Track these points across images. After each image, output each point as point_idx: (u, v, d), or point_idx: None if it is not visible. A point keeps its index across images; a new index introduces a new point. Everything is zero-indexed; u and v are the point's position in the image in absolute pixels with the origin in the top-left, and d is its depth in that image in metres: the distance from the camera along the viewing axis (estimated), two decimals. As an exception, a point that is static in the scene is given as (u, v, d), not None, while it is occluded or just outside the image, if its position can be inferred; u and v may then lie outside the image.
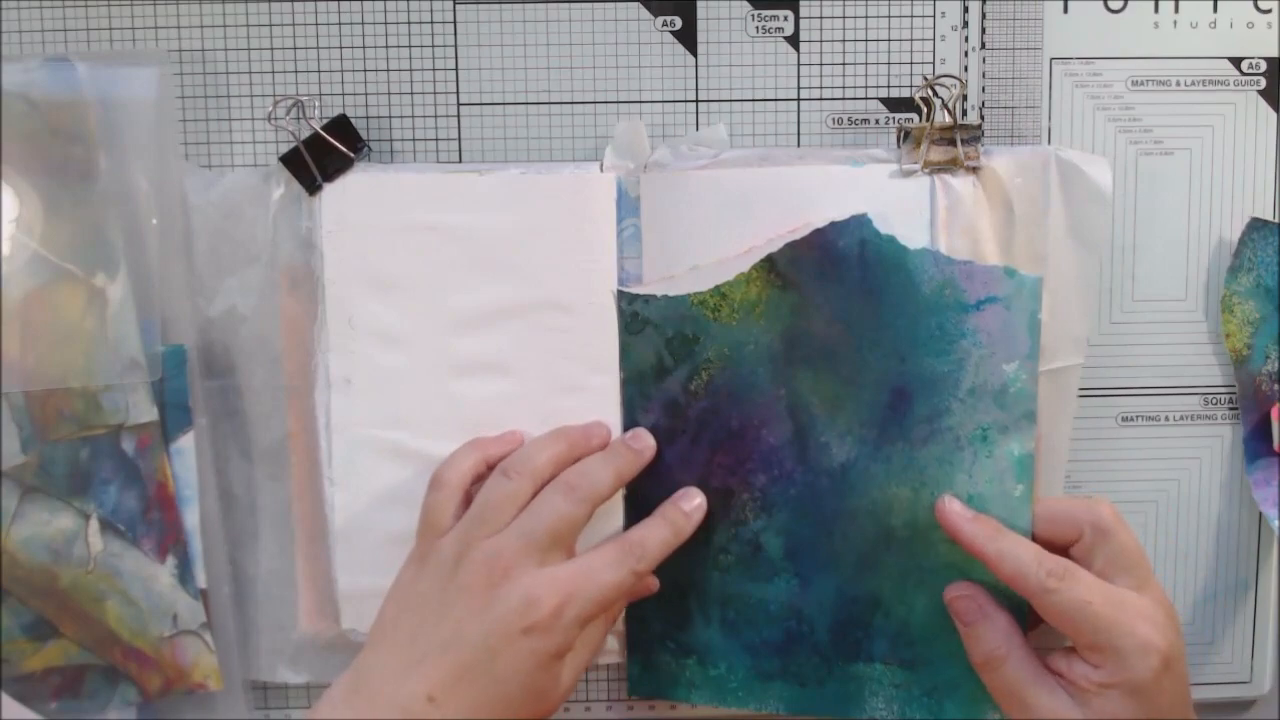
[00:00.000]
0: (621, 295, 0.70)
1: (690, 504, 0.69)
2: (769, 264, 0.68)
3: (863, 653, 0.70)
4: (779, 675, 0.72)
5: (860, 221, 0.67)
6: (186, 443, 0.71)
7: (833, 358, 0.68)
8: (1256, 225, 0.73)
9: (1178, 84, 0.73)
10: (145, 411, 0.70)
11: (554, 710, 0.64)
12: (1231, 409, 0.75)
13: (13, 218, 0.69)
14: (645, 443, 0.70)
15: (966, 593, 0.66)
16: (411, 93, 0.72)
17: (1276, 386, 0.73)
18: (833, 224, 0.67)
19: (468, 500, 0.67)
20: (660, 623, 0.72)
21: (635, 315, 0.70)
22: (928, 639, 0.69)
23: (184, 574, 0.71)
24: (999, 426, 0.67)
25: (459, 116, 0.72)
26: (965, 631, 0.66)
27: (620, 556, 0.65)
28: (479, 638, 0.61)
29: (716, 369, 0.70)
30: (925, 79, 0.71)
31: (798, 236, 0.68)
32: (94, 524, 0.70)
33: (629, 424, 0.71)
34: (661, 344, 0.70)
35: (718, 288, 0.69)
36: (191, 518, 0.71)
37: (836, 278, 0.67)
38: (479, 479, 0.68)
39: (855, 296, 0.67)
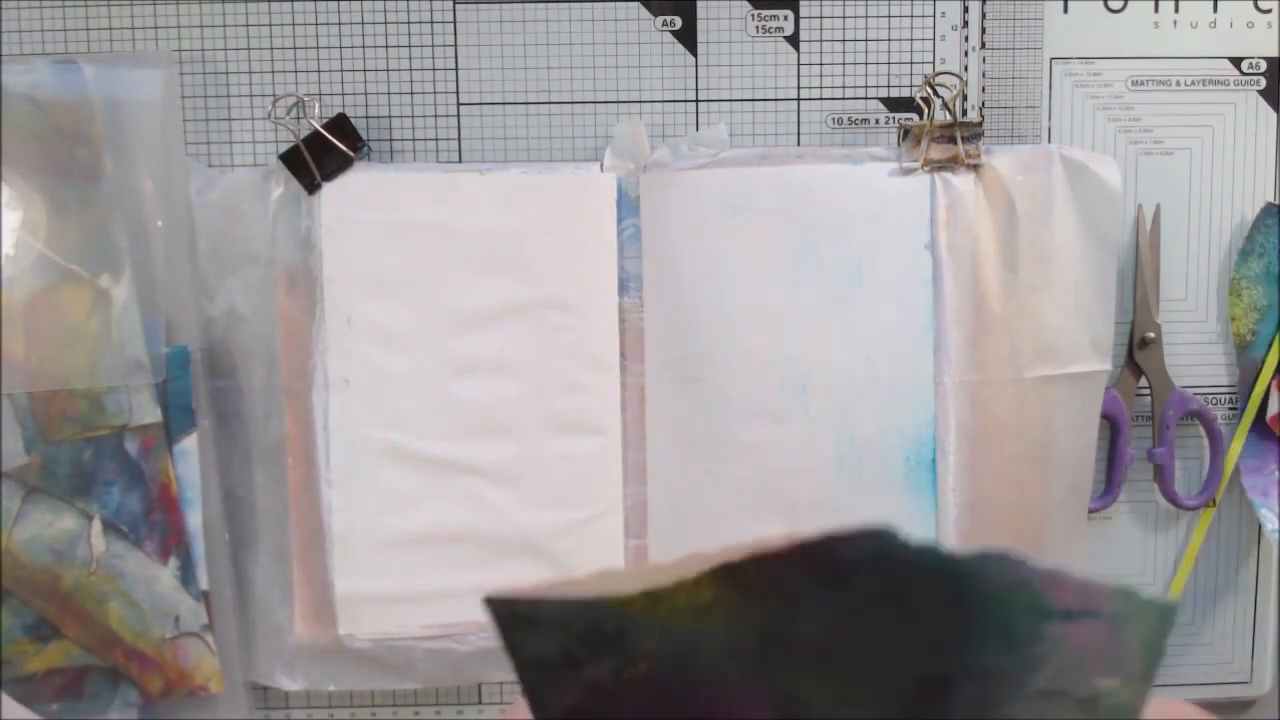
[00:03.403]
0: (491, 602, 0.42)
1: None
2: (728, 573, 0.41)
3: None
4: None
5: (877, 535, 0.37)
6: (190, 444, 0.71)
7: (836, 657, 0.44)
8: (1271, 210, 0.73)
9: (1178, 84, 0.73)
10: (149, 413, 0.70)
11: None
12: (1231, 409, 0.75)
13: (18, 219, 0.69)
14: None
15: None
16: (411, 93, 0.72)
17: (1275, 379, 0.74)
18: (830, 537, 0.37)
19: None
20: None
21: (518, 617, 0.44)
22: None
23: (186, 575, 0.71)
24: None
25: (459, 116, 0.72)
26: None
27: None
28: None
29: (658, 660, 0.45)
30: (925, 78, 0.71)
31: (769, 549, 0.40)
32: (96, 525, 0.70)
33: (537, 708, 0.46)
34: (570, 640, 0.44)
35: (648, 592, 0.44)
36: (194, 519, 0.71)
37: (842, 586, 0.43)
38: None
39: (873, 604, 0.42)
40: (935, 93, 0.70)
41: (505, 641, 0.43)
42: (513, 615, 0.44)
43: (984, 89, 0.73)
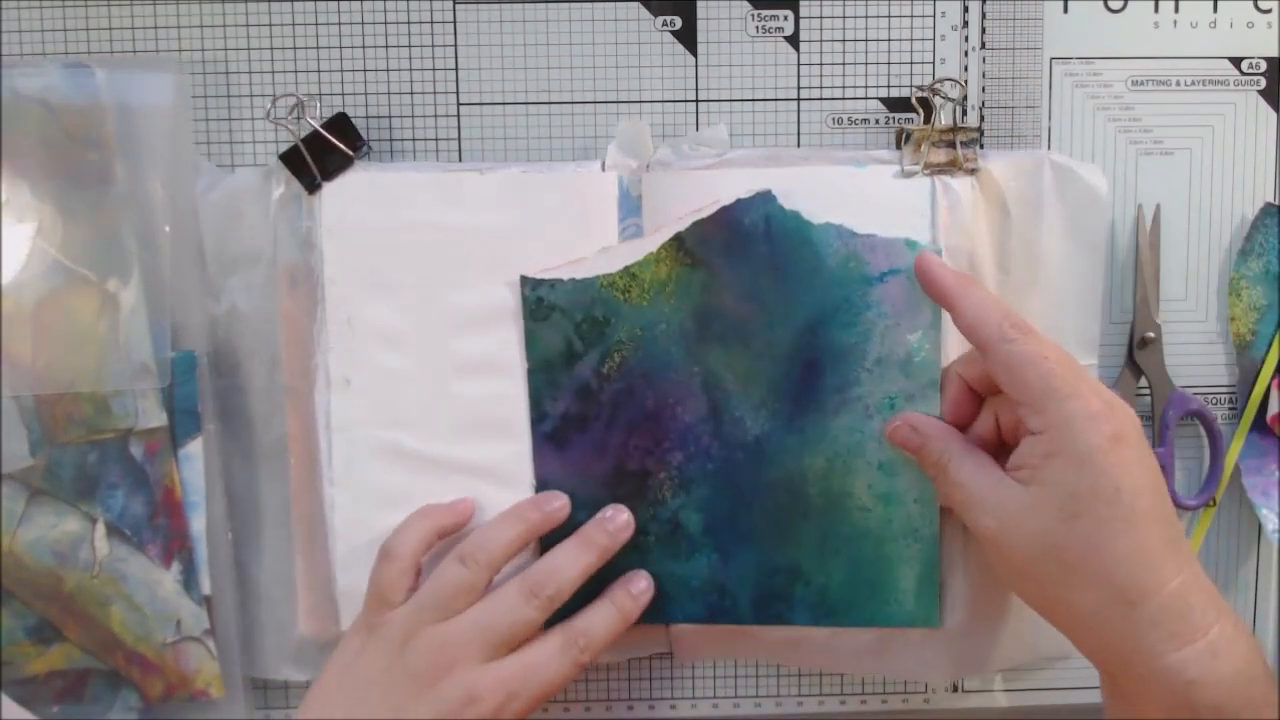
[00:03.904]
0: (525, 281, 0.70)
1: (638, 587, 0.70)
2: (678, 242, 0.69)
3: (784, 622, 0.71)
4: None
5: (765, 198, 0.69)
6: (195, 449, 0.71)
7: (744, 333, 0.69)
8: (1271, 210, 0.73)
9: (1178, 84, 0.73)
10: (154, 417, 0.70)
11: None
12: (1231, 409, 0.75)
13: (28, 222, 0.69)
14: (624, 521, 0.70)
15: (898, 423, 0.67)
16: (411, 93, 0.72)
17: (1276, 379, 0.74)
18: (739, 201, 0.69)
19: (418, 571, 0.68)
20: (579, 608, 0.72)
21: (540, 301, 0.70)
22: (847, 606, 0.71)
23: (189, 580, 0.71)
24: (905, 395, 0.69)
25: (459, 116, 0.72)
26: (914, 456, 0.67)
27: (565, 647, 0.66)
28: None
29: (629, 350, 0.70)
30: (930, 85, 0.71)
31: (705, 215, 0.69)
32: (100, 528, 0.70)
33: (537, 416, 0.71)
34: (570, 329, 0.70)
35: (627, 268, 0.70)
36: (198, 524, 0.71)
37: (744, 254, 0.69)
38: (430, 548, 0.69)
39: (763, 272, 0.69)
40: (944, 97, 0.70)
41: (528, 335, 0.70)
42: (538, 299, 0.70)
43: (984, 89, 0.73)
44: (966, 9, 0.72)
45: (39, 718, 0.71)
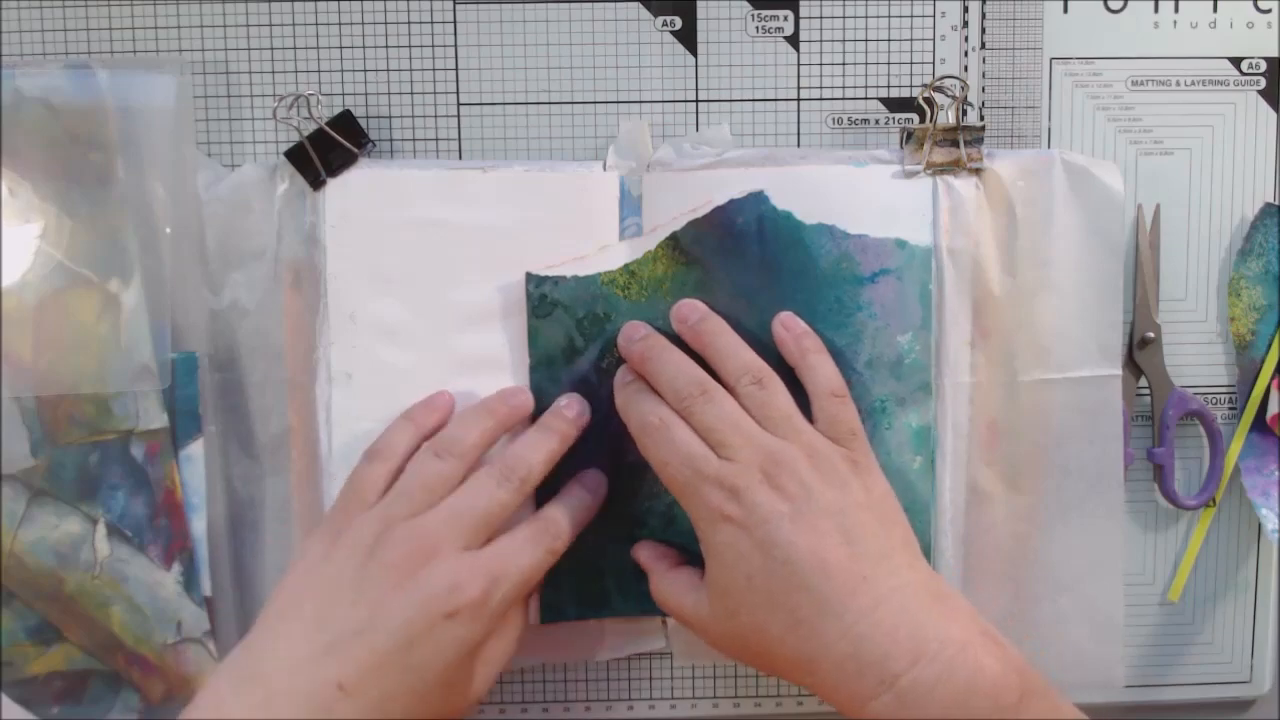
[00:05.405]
0: (530, 278, 0.70)
1: (572, 410, 0.69)
2: (673, 241, 0.70)
3: None
4: None
5: (758, 198, 0.69)
6: (196, 450, 0.71)
7: (737, 331, 0.68)
8: (1271, 210, 0.73)
9: (1178, 84, 0.73)
10: (155, 418, 0.70)
11: (466, 711, 0.63)
12: (1231, 409, 0.75)
13: (30, 223, 0.69)
14: (578, 409, 0.69)
15: (635, 549, 0.70)
16: (411, 92, 0.72)
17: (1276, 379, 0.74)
18: (732, 201, 0.69)
19: (399, 474, 0.66)
20: (575, 599, 0.72)
21: (544, 298, 0.70)
22: None
23: (190, 581, 0.71)
24: (896, 398, 0.69)
25: (459, 116, 0.72)
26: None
27: (537, 536, 0.65)
28: (398, 622, 0.59)
29: None
30: (930, 84, 0.71)
31: (699, 214, 0.69)
32: (101, 529, 0.70)
33: (537, 412, 0.70)
34: (572, 325, 0.71)
35: (627, 266, 0.70)
36: (199, 525, 0.71)
37: (737, 253, 0.69)
38: (414, 451, 0.67)
39: (756, 271, 0.69)
40: (945, 93, 0.70)
41: (531, 331, 0.70)
42: (541, 295, 0.70)
43: (984, 89, 0.73)
44: (966, 9, 0.72)
45: (39, 718, 0.71)
